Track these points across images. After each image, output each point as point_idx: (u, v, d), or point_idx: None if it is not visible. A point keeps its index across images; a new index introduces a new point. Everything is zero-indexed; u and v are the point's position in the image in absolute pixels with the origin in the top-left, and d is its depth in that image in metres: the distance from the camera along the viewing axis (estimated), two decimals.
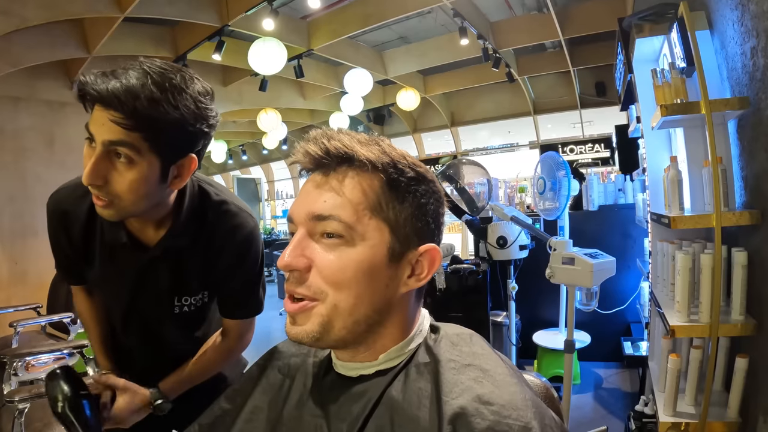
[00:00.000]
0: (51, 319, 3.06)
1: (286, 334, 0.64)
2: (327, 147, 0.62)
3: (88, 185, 0.82)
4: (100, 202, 0.85)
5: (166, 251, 1.00)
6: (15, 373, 2.30)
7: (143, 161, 0.81)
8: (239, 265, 1.07)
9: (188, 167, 0.90)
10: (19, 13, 3.18)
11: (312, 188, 0.63)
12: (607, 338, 3.48)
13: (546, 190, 2.98)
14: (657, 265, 2.08)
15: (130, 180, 0.82)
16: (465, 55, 5.30)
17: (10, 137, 4.15)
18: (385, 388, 0.62)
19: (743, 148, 1.58)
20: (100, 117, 0.79)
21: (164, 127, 0.80)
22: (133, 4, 3.35)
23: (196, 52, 4.49)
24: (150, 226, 0.99)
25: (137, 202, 0.85)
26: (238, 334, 1.15)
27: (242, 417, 0.72)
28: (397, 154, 0.65)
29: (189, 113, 0.82)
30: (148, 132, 0.79)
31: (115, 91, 0.76)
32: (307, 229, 0.62)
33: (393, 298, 0.64)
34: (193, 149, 0.88)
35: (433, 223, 0.67)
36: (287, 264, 0.61)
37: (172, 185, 0.90)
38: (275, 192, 13.01)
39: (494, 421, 0.53)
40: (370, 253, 0.61)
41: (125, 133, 0.78)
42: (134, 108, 0.76)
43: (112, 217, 0.88)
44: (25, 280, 4.18)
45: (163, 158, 0.84)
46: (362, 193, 0.61)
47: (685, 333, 1.54)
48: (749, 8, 1.39)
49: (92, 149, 0.82)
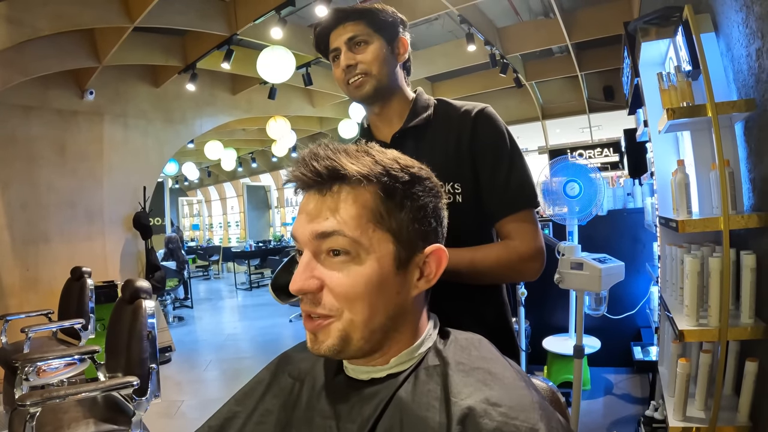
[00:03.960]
0: (62, 325, 3.10)
1: (309, 350, 0.66)
2: (317, 168, 0.62)
3: (346, 66, 1.10)
4: (356, 82, 1.10)
5: (401, 139, 1.14)
6: (26, 378, 2.32)
7: (374, 41, 1.11)
8: (491, 144, 1.10)
9: (404, 45, 1.16)
10: (31, 24, 3.23)
11: (311, 208, 0.64)
12: (617, 343, 3.44)
13: (581, 194, 2.97)
14: (666, 269, 2.06)
15: (373, 50, 1.10)
16: (472, 62, 5.30)
17: (22, 145, 4.21)
18: (395, 390, 0.63)
19: (751, 151, 1.57)
20: (339, 33, 1.11)
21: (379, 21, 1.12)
22: (142, 14, 3.39)
23: (206, 60, 4.54)
24: (392, 121, 1.17)
25: (382, 68, 1.10)
26: (516, 235, 1.05)
27: (253, 419, 0.72)
28: (389, 159, 0.66)
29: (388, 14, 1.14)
30: (372, 25, 1.11)
31: (350, 12, 1.11)
32: (312, 249, 0.63)
33: (405, 303, 0.66)
34: (399, 33, 1.16)
35: (434, 221, 0.68)
36: (299, 288, 0.62)
37: (398, 59, 1.15)
38: (285, 199, 13.06)
39: (502, 422, 0.54)
40: (377, 266, 0.62)
41: (356, 29, 1.10)
42: (361, 17, 1.10)
43: (368, 94, 1.11)
44: (36, 286, 4.22)
45: (386, 38, 1.12)
46: (361, 206, 0.62)
47: (695, 337, 1.52)
48: (754, 10, 1.38)
49: (338, 63, 1.12)
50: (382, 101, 1.15)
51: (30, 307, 3.63)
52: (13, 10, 3.15)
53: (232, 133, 8.19)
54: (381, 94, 1.13)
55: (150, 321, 2.10)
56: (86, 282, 3.24)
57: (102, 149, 4.78)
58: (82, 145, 4.62)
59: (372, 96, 1.12)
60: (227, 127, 7.03)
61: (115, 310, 2.33)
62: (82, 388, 1.84)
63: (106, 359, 2.33)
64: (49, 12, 3.28)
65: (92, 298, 3.21)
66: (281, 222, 13.13)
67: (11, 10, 3.14)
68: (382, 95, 1.13)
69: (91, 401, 2.07)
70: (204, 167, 12.42)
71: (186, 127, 5.63)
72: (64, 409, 2.00)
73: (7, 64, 3.59)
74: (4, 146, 4.09)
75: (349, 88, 1.12)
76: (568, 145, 7.51)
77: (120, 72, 4.80)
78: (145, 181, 5.13)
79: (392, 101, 1.16)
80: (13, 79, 3.72)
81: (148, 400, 1.99)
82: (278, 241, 11.30)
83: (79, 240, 4.58)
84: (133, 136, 5.06)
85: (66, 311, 3.30)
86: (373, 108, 1.17)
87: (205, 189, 15.73)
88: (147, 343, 2.06)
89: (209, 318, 7.19)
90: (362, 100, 1.14)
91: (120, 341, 2.16)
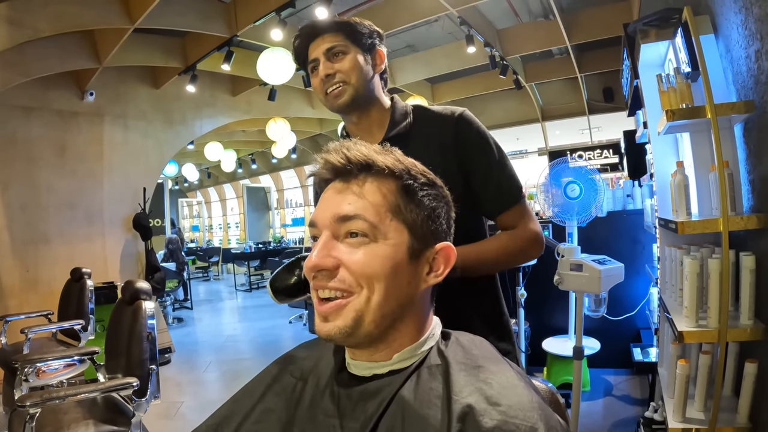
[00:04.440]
0: (62, 326, 3.09)
1: (317, 333, 0.67)
2: (348, 156, 0.67)
3: (325, 75, 1.13)
4: (335, 92, 1.14)
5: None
6: (26, 379, 2.32)
7: (352, 51, 1.15)
8: (477, 146, 1.16)
9: (381, 56, 1.21)
10: (32, 25, 3.24)
11: (334, 194, 0.68)
12: (617, 345, 3.44)
13: (581, 196, 2.99)
14: (665, 270, 2.06)
15: (350, 59, 1.14)
16: (472, 63, 5.31)
17: (22, 146, 4.21)
18: (398, 388, 0.64)
19: (750, 152, 1.57)
20: (318, 45, 1.15)
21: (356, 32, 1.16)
22: (143, 15, 3.39)
23: (206, 62, 4.54)
24: (372, 130, 1.21)
25: (360, 78, 1.14)
26: (517, 223, 1.16)
27: (252, 418, 0.73)
28: (409, 162, 0.71)
29: (365, 27, 1.18)
30: (349, 37, 1.15)
31: (327, 24, 1.16)
32: (331, 231, 0.66)
33: (414, 294, 0.68)
34: (376, 45, 1.21)
35: (445, 224, 0.72)
36: (315, 264, 0.65)
37: (376, 69, 1.19)
38: (284, 201, 13.06)
39: (501, 421, 0.55)
40: (393, 251, 0.65)
41: (334, 40, 1.14)
42: (338, 29, 1.15)
43: (345, 103, 1.14)
44: (36, 287, 4.22)
45: (363, 49, 1.17)
46: (382, 196, 0.66)
47: (694, 338, 1.52)
48: (753, 11, 1.39)
49: (316, 73, 1.16)
50: (360, 110, 1.18)
51: (30, 308, 3.63)
52: (13, 11, 3.15)
53: (232, 134, 8.20)
54: (359, 104, 1.16)
55: (150, 322, 2.10)
56: (86, 283, 3.24)
57: (102, 150, 4.78)
58: (82, 146, 4.62)
59: (350, 105, 1.15)
60: (227, 129, 7.03)
61: (115, 311, 2.33)
62: (82, 389, 1.84)
63: (106, 360, 2.33)
64: (50, 13, 3.28)
65: (92, 299, 3.21)
66: (281, 223, 13.12)
67: (12, 11, 3.15)
68: (359, 104, 1.17)
69: (91, 402, 2.07)
70: (204, 168, 12.42)
71: (186, 129, 5.63)
72: (64, 410, 2.00)
73: (8, 65, 3.59)
74: (4, 147, 4.09)
75: (327, 97, 1.15)
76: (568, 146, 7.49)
77: (120, 73, 4.81)
78: (145, 182, 5.13)
79: (371, 110, 1.19)
80: (13, 80, 3.72)
81: (147, 401, 1.99)
82: (278, 243, 11.30)
83: (78, 241, 4.58)
84: (133, 137, 5.06)
85: (66, 312, 3.30)
86: (352, 117, 1.20)
87: (205, 190, 15.73)
88: (147, 344, 2.06)
89: (209, 319, 7.19)
90: (341, 110, 1.17)
91: (120, 342, 2.16)
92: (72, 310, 3.22)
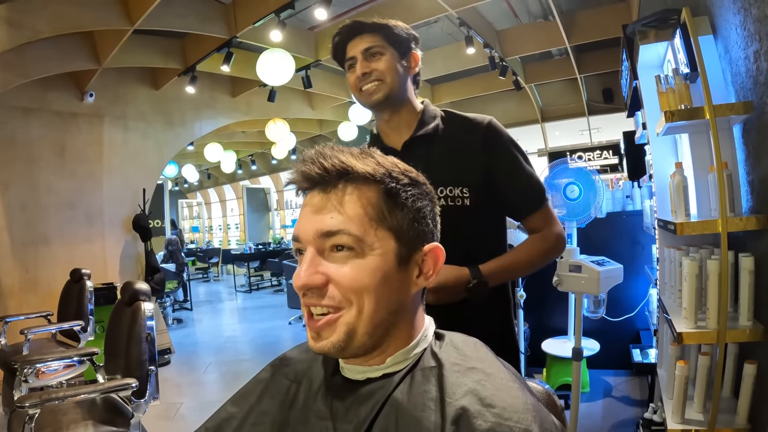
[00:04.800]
0: (61, 327, 3.09)
1: (311, 348, 0.66)
2: (324, 165, 0.64)
3: (362, 74, 1.19)
4: (370, 89, 1.20)
5: (411, 147, 1.24)
6: (25, 380, 2.32)
7: (388, 52, 1.21)
8: (500, 151, 1.23)
9: (416, 59, 1.26)
10: (32, 26, 3.24)
11: (315, 208, 0.65)
12: (616, 346, 3.44)
13: (581, 197, 2.99)
14: (664, 271, 2.06)
15: (386, 60, 1.20)
16: (472, 64, 5.31)
17: (22, 147, 4.21)
18: (391, 391, 0.63)
19: (749, 153, 1.57)
20: (357, 43, 1.21)
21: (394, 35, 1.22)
22: (142, 16, 3.39)
23: (205, 63, 4.54)
24: (401, 129, 1.26)
25: (394, 78, 1.20)
26: (545, 224, 1.26)
27: (249, 420, 0.72)
28: (390, 163, 0.68)
29: (403, 30, 1.24)
30: (387, 38, 1.21)
31: (368, 24, 1.22)
32: (315, 247, 0.64)
33: (405, 300, 0.67)
34: (412, 48, 1.26)
35: (431, 222, 0.70)
36: (305, 284, 0.63)
37: (410, 71, 1.25)
38: (284, 201, 13.06)
39: (495, 423, 0.55)
40: (381, 261, 0.63)
41: (372, 40, 1.20)
42: (378, 30, 1.21)
43: (379, 100, 1.20)
44: (36, 288, 4.22)
45: (399, 51, 1.23)
46: (364, 206, 0.64)
47: (693, 339, 1.52)
48: (752, 12, 1.39)
49: (353, 71, 1.21)
50: (392, 109, 1.24)
51: (29, 309, 3.62)
52: (13, 13, 3.15)
53: (232, 135, 8.20)
54: (392, 102, 1.22)
55: (149, 323, 2.10)
56: (85, 284, 3.24)
57: (102, 151, 4.78)
58: (81, 147, 4.62)
59: (383, 103, 1.21)
60: (227, 130, 7.03)
61: (114, 312, 2.33)
62: (81, 390, 1.84)
63: (105, 361, 2.33)
64: (50, 14, 3.28)
65: (91, 300, 3.21)
66: (281, 224, 13.11)
67: (11, 12, 3.15)
68: (392, 103, 1.23)
69: (90, 403, 2.07)
70: (203, 169, 12.42)
71: (185, 130, 5.63)
72: (63, 410, 2.00)
73: (7, 67, 3.59)
74: (3, 148, 4.09)
75: (362, 94, 1.22)
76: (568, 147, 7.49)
77: (120, 74, 4.81)
78: (144, 183, 5.13)
79: (401, 110, 1.25)
80: (13, 81, 3.72)
81: (146, 402, 1.99)
82: (278, 244, 11.29)
83: (78, 242, 4.58)
84: (132, 138, 5.06)
85: (65, 313, 3.30)
86: (383, 114, 1.26)
87: (205, 191, 15.72)
88: (146, 345, 2.06)
89: (208, 320, 7.18)
90: (374, 106, 1.23)
91: (119, 343, 2.16)
92: (71, 311, 3.22)
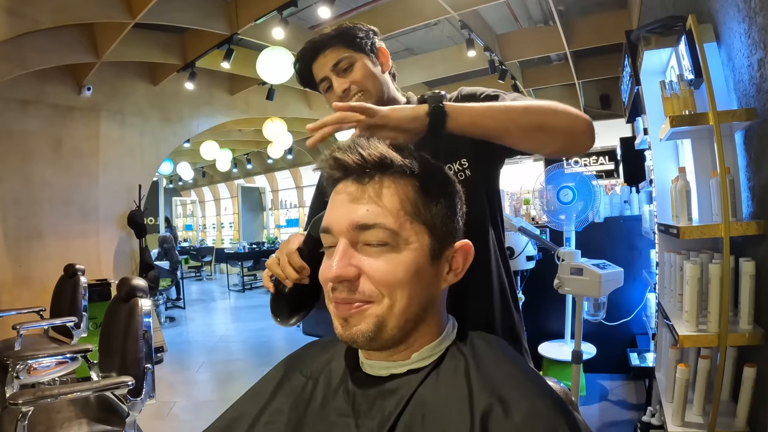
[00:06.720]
0: (54, 323, 3.06)
1: (339, 337, 0.65)
2: (363, 155, 0.63)
3: (342, 91, 1.12)
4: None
5: None
6: (17, 376, 2.29)
7: (358, 59, 1.13)
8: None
9: (384, 53, 1.19)
10: (32, 16, 3.21)
11: (350, 198, 0.64)
12: (613, 350, 3.45)
13: (575, 201, 3.01)
14: (664, 275, 2.07)
15: (360, 68, 1.12)
16: (471, 67, 5.32)
17: (18, 140, 4.17)
18: (417, 386, 0.63)
19: (750, 159, 1.58)
20: (322, 63, 1.13)
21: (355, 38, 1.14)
22: (144, 10, 3.38)
23: (205, 59, 4.52)
24: None
25: (375, 83, 1.13)
26: None
27: (262, 419, 0.71)
28: (426, 159, 0.68)
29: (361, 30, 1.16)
30: (350, 45, 1.13)
31: (325, 40, 1.13)
32: (348, 239, 0.63)
33: (435, 295, 0.67)
34: (376, 44, 1.19)
35: (461, 220, 0.71)
36: (337, 275, 0.62)
37: (384, 68, 1.18)
38: (279, 201, 13.02)
39: (524, 418, 0.54)
40: (414, 256, 0.63)
41: (337, 53, 1.12)
42: (338, 41, 1.13)
43: None
44: (29, 283, 4.18)
45: (366, 53, 1.15)
46: (400, 200, 0.63)
47: (694, 342, 1.53)
48: (756, 21, 1.40)
49: (331, 92, 1.15)
50: None
51: (22, 304, 3.59)
52: (14, 3, 3.12)
53: (228, 133, 8.16)
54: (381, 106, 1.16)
55: (146, 320, 2.08)
56: (79, 280, 3.21)
57: (98, 146, 4.75)
58: (77, 142, 4.59)
59: None
60: (224, 128, 7.00)
61: (111, 309, 2.31)
62: (77, 388, 1.81)
63: (100, 358, 2.30)
64: (51, 5, 3.26)
65: (85, 296, 3.18)
66: (275, 224, 13.08)
67: (13, 3, 3.11)
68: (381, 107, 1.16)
69: (84, 401, 2.04)
70: (199, 167, 12.35)
71: (183, 127, 5.60)
72: (57, 408, 1.97)
73: (6, 57, 3.56)
74: None
75: None
76: None
77: (118, 69, 4.78)
78: (140, 180, 5.10)
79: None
80: (11, 71, 3.69)
81: (142, 400, 1.97)
82: (272, 243, 11.25)
83: (72, 237, 4.54)
84: (129, 133, 5.03)
85: (58, 309, 3.27)
86: None
87: (199, 189, 15.65)
88: (142, 343, 2.03)
89: (201, 319, 7.14)
90: None
91: (115, 340, 2.13)
92: (65, 307, 3.19)
